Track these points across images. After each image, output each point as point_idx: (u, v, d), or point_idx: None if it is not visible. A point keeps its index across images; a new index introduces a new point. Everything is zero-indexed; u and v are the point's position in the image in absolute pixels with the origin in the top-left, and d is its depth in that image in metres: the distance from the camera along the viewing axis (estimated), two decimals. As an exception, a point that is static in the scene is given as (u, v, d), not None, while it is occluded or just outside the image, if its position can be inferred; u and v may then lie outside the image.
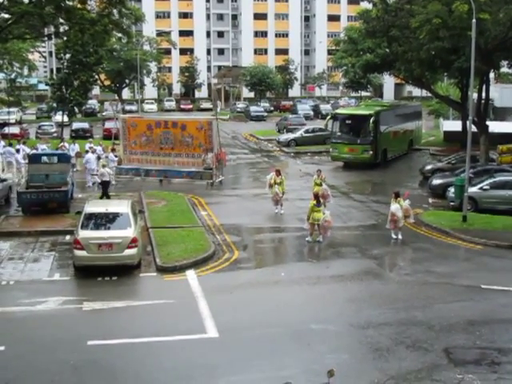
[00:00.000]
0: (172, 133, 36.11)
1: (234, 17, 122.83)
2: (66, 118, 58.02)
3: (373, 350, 14.64)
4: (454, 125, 53.25)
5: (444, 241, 24.41)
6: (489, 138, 37.71)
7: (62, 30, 44.21)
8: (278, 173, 28.71)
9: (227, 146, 49.07)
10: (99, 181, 31.03)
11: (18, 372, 13.64)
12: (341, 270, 20.65)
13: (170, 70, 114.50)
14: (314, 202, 23.87)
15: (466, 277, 20.12)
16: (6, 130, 52.23)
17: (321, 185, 28.09)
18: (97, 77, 66.79)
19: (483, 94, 41.11)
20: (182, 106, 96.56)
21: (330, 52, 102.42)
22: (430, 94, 55.78)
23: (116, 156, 36.15)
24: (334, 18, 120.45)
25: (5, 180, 30.42)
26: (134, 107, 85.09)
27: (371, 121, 40.67)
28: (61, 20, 41.30)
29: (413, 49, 37.56)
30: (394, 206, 24.01)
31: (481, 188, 28.77)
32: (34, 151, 35.49)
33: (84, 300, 17.62)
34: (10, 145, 37.52)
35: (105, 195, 29.74)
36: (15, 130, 54.71)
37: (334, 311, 17.16)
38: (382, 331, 15.54)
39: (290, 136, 54.35)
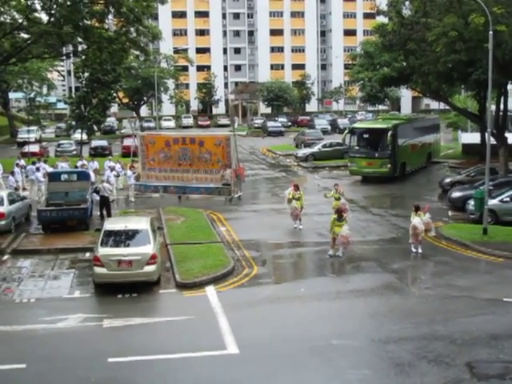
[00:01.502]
0: (190, 149, 36.22)
1: (251, 33, 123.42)
2: (84, 136, 58.48)
3: (394, 365, 14.51)
4: (472, 137, 53.03)
5: (464, 254, 24.23)
6: (508, 150, 37.48)
7: (80, 48, 44.75)
8: (297, 188, 28.63)
9: (245, 161, 49.15)
10: (97, 197, 30.83)
11: (39, 390, 13.70)
12: (361, 285, 20.54)
13: (187, 86, 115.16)
14: (335, 215, 23.84)
15: (487, 290, 19.93)
16: (26, 148, 52.72)
17: (339, 199, 28.00)
18: (115, 95, 67.28)
19: (501, 106, 40.95)
20: (199, 123, 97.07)
21: (346, 66, 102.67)
22: (447, 107, 55.70)
23: (134, 173, 36.27)
24: (350, 33, 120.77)
25: (25, 198, 30.65)
26: (152, 124, 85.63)
27: (389, 134, 40.55)
28: (79, 39, 41.81)
29: (429, 62, 37.54)
30: (416, 220, 23.87)
31: (501, 200, 28.55)
32: (53, 169, 35.78)
33: (104, 317, 17.64)
34: (33, 163, 37.83)
35: (106, 212, 29.42)
36: (35, 148, 55.20)
37: (355, 326, 17.05)
38: (403, 346, 15.41)
39: (308, 151, 54.35)
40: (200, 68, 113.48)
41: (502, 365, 14.51)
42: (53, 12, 38.70)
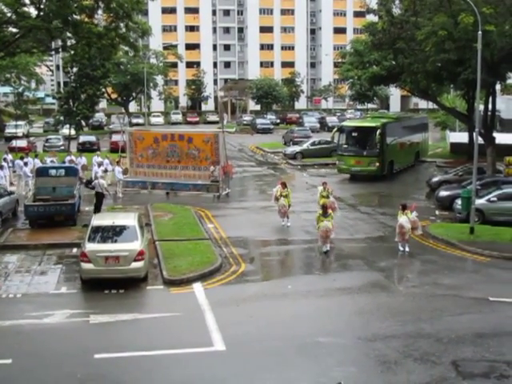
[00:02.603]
0: (178, 146, 36.16)
1: (240, 30, 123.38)
2: (73, 132, 58.22)
3: (380, 362, 14.56)
4: (460, 136, 53.23)
5: (451, 253, 24.32)
6: (496, 150, 37.65)
7: (69, 43, 44.59)
8: (284, 185, 28.68)
9: (234, 158, 49.12)
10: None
11: (24, 385, 13.66)
12: (348, 283, 20.59)
13: (176, 83, 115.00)
14: (321, 211, 23.95)
15: (473, 289, 20.03)
16: (14, 143, 52.44)
17: (328, 197, 28.04)
18: (104, 90, 67.11)
19: (490, 106, 41.09)
20: (188, 119, 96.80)
21: (336, 64, 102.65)
22: (436, 106, 55.82)
23: (122, 168, 36.15)
24: (339, 31, 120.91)
25: (12, 193, 30.51)
26: (140, 120, 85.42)
27: (377, 133, 40.64)
28: (68, 34, 41.66)
29: (419, 61, 37.63)
30: (403, 219, 23.94)
31: (488, 200, 28.65)
32: (40, 164, 35.66)
33: (91, 313, 17.61)
34: (21, 158, 37.63)
35: (98, 207, 29.37)
36: (22, 143, 54.86)
37: (341, 324, 17.10)
38: (389, 344, 15.47)
39: (297, 148, 54.31)
40: (189, 64, 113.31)
41: (488, 363, 14.58)
42: (42, 6, 38.55)
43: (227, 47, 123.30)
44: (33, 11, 40.80)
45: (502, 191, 29.11)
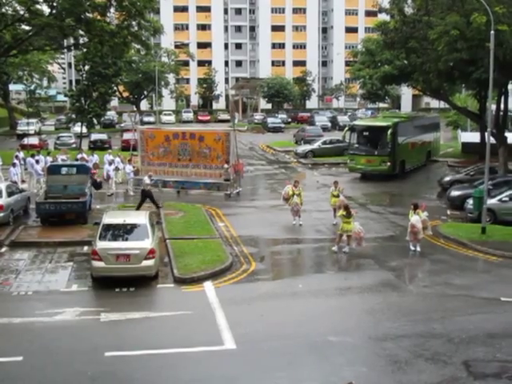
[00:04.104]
0: (190, 144, 36.19)
1: (252, 29, 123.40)
2: (84, 129, 58.40)
3: (391, 362, 14.52)
4: (472, 136, 53.02)
5: (462, 253, 24.23)
6: (508, 150, 37.47)
7: (81, 41, 44.75)
8: (297, 183, 28.67)
9: (245, 157, 49.06)
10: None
11: (35, 383, 13.67)
12: (359, 282, 20.54)
13: (188, 81, 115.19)
14: (344, 212, 23.81)
15: (485, 289, 19.95)
16: (26, 140, 52.65)
17: (338, 196, 27.97)
18: (115, 88, 67.22)
19: (502, 106, 40.89)
20: (199, 118, 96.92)
21: (347, 63, 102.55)
22: (448, 106, 55.62)
23: (134, 167, 36.25)
24: (351, 30, 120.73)
25: (23, 191, 30.63)
26: (152, 118, 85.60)
27: (389, 132, 40.49)
28: (80, 32, 41.79)
29: (431, 60, 37.49)
30: (414, 218, 23.87)
31: (500, 200, 28.53)
32: (52, 162, 35.76)
33: (102, 311, 17.64)
34: (33, 156, 37.74)
35: (153, 204, 30.39)
36: (34, 140, 55.08)
37: (352, 323, 17.05)
38: (400, 343, 15.42)
39: (308, 147, 54.26)
40: (201, 63, 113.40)
41: (499, 364, 14.52)
42: (54, 4, 38.68)
43: (239, 46, 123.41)
44: (45, 9, 40.95)
45: (514, 191, 28.96)
